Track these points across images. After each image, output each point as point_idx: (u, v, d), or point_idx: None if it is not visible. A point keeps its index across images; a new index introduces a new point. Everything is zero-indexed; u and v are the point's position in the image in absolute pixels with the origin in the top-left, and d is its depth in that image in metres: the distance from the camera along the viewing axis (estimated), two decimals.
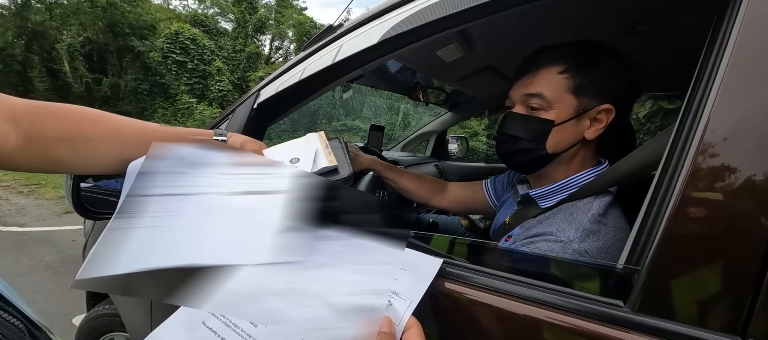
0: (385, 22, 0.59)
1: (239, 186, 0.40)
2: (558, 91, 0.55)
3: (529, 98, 0.57)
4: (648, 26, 0.79)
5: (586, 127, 0.56)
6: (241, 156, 0.44)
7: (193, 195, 0.38)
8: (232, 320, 0.34)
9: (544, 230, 0.52)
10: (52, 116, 0.37)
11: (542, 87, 0.55)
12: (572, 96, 0.54)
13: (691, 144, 0.31)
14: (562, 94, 0.55)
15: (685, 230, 0.30)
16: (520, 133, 0.58)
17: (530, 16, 0.76)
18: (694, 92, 0.34)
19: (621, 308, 0.31)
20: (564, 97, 0.55)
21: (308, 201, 0.41)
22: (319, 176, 0.47)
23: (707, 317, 0.28)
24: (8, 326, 0.27)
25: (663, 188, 0.33)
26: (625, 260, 0.35)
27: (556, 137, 0.56)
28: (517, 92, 0.60)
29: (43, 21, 10.13)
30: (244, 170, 0.42)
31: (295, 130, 10.39)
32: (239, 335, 0.33)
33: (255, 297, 0.33)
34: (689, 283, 0.29)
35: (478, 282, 0.40)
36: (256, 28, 14.99)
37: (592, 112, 0.55)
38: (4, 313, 0.28)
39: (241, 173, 0.42)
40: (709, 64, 0.33)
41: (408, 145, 2.02)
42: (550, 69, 0.56)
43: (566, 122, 0.55)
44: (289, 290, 0.35)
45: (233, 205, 0.39)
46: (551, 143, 0.56)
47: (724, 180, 0.28)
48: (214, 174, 0.41)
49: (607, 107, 0.54)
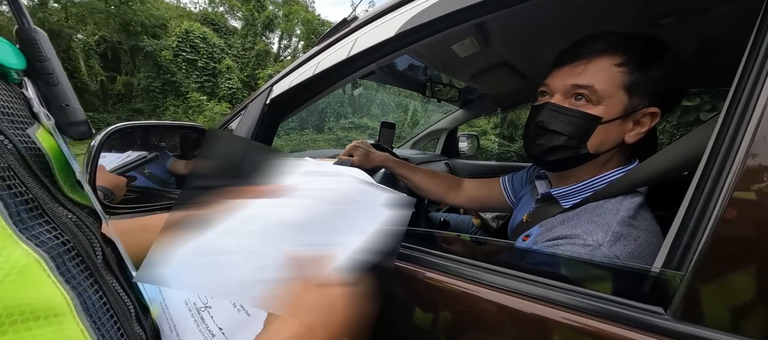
0: (402, 15, 0.58)
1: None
2: (611, 86, 0.49)
3: (577, 90, 0.51)
4: (675, 18, 0.75)
5: (629, 129, 0.51)
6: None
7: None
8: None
9: (568, 232, 0.49)
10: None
11: (595, 78, 0.49)
12: (624, 93, 0.49)
13: (741, 141, 0.28)
14: (614, 90, 0.49)
15: (737, 232, 0.27)
16: (560, 127, 0.52)
17: (550, 8, 0.73)
18: (740, 85, 0.31)
19: (661, 315, 0.29)
20: (616, 94, 0.49)
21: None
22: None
23: (760, 328, 0.26)
24: (121, 304, 0.28)
25: (707, 187, 0.30)
26: (663, 264, 0.33)
27: (599, 136, 0.51)
28: (559, 81, 0.53)
29: (59, 20, 10.38)
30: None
31: (304, 128, 10.46)
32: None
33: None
34: (741, 290, 0.27)
35: (497, 283, 0.38)
36: (264, 25, 15.10)
37: (638, 114, 0.50)
38: (123, 291, 0.29)
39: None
40: (759, 56, 0.30)
41: (418, 142, 2.00)
42: (607, 58, 0.50)
43: (613, 121, 0.50)
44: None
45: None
46: (594, 143, 0.51)
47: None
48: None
49: (653, 110, 0.50)
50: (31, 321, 0.19)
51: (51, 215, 0.25)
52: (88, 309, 0.24)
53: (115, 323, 0.26)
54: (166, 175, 1.05)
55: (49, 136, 0.28)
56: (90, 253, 0.27)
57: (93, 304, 0.25)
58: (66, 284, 0.22)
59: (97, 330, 0.24)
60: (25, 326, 0.19)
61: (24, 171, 0.24)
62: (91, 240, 0.28)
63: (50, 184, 0.26)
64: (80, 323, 0.22)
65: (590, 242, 0.45)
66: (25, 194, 0.23)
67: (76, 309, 0.22)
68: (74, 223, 0.27)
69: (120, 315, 0.27)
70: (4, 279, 0.19)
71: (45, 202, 0.24)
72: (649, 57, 0.49)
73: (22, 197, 0.23)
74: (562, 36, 0.58)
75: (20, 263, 0.20)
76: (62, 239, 0.24)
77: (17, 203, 0.22)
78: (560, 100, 0.53)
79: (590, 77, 0.50)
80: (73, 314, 0.22)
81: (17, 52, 0.29)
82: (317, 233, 0.38)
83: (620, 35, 0.51)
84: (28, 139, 0.26)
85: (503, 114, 1.97)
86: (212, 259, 0.33)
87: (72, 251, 0.25)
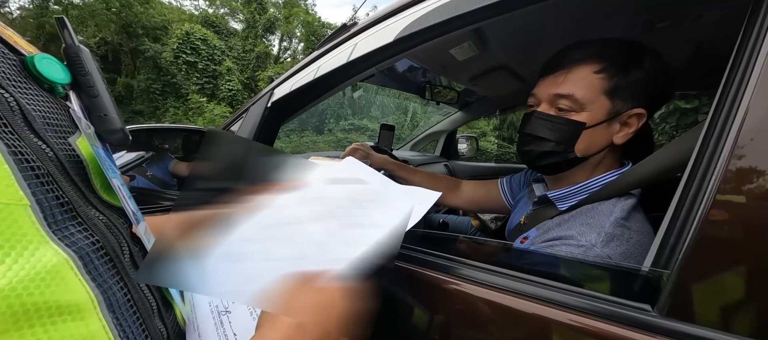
0: (400, 20, 0.59)
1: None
2: (592, 93, 0.51)
3: (559, 99, 0.53)
4: (669, 23, 0.76)
5: (616, 130, 0.53)
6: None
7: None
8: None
9: (563, 233, 0.50)
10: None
11: (575, 87, 0.52)
12: (606, 98, 0.51)
13: (724, 143, 0.30)
14: (596, 96, 0.51)
15: (719, 232, 0.28)
16: (547, 134, 0.54)
17: (545, 13, 0.75)
18: (726, 90, 0.32)
19: (649, 312, 0.30)
20: (598, 100, 0.51)
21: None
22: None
23: (742, 324, 0.27)
24: (144, 301, 0.30)
25: (693, 188, 0.31)
26: (652, 263, 0.34)
27: (586, 140, 0.53)
28: (544, 90, 0.56)
29: None
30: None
31: (304, 130, 10.48)
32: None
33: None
34: (723, 287, 0.28)
35: (494, 283, 0.39)
36: (265, 28, 15.14)
37: (623, 115, 0.52)
38: (147, 289, 0.31)
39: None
40: (743, 60, 0.31)
41: (417, 144, 2.01)
42: (585, 67, 0.52)
43: (598, 125, 0.52)
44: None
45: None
46: (581, 147, 0.53)
47: (760, 181, 0.27)
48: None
49: (639, 111, 0.51)
50: (56, 317, 0.21)
51: (83, 217, 0.26)
52: (112, 306, 0.25)
53: (137, 319, 0.28)
54: (167, 176, 1.06)
55: (87, 144, 0.30)
56: (118, 252, 0.28)
57: (117, 301, 0.26)
58: (92, 282, 0.24)
59: (119, 326, 0.25)
60: (51, 321, 0.21)
61: (61, 176, 0.26)
62: (120, 240, 0.29)
63: (85, 188, 0.28)
64: (103, 319, 0.24)
65: (584, 242, 0.46)
66: (61, 197, 0.25)
67: (99, 306, 0.24)
68: (104, 223, 0.28)
69: (143, 312, 0.29)
70: (36, 277, 0.20)
71: (78, 204, 0.26)
72: (629, 61, 0.51)
73: (58, 200, 0.25)
74: (558, 40, 0.59)
75: (51, 262, 0.21)
76: (92, 239, 0.26)
77: (53, 206, 0.24)
78: (546, 109, 0.55)
79: (570, 86, 0.52)
80: (96, 310, 0.23)
81: (64, 69, 0.32)
82: (327, 240, 0.37)
83: (598, 42, 0.53)
84: (69, 147, 0.28)
85: (502, 116, 1.98)
86: (211, 260, 0.34)
87: (101, 250, 0.27)
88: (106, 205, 0.30)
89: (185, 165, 1.08)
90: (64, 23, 0.31)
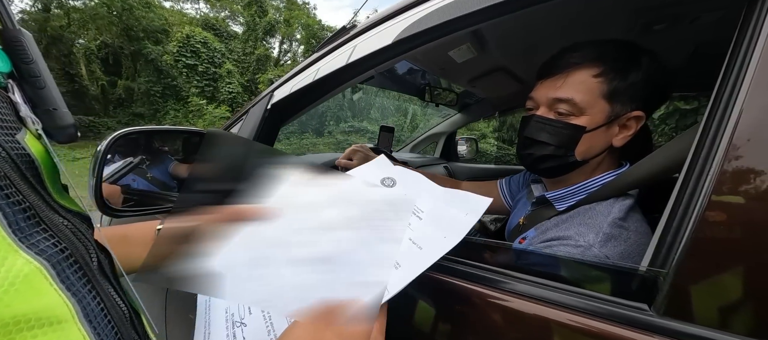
0: (399, 23, 0.59)
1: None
2: (591, 96, 0.50)
3: (558, 103, 0.52)
4: (667, 25, 0.77)
5: (615, 133, 0.53)
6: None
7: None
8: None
9: (561, 233, 0.50)
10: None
11: (574, 91, 0.51)
12: (605, 101, 0.50)
13: (719, 144, 0.30)
14: (595, 100, 0.50)
15: (715, 232, 0.29)
16: (546, 138, 0.54)
17: (544, 15, 0.75)
18: (721, 91, 0.33)
19: (646, 311, 0.30)
20: (597, 103, 0.50)
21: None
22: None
23: (737, 322, 0.27)
24: (117, 309, 0.28)
25: (689, 189, 0.32)
26: (649, 263, 0.34)
27: (586, 144, 0.52)
28: (543, 94, 0.55)
29: (61, 25, 10.46)
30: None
31: (304, 131, 10.49)
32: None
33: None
34: (719, 286, 0.28)
35: (493, 283, 0.39)
36: (265, 31, 15.19)
37: (622, 118, 0.51)
38: (117, 297, 0.29)
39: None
40: (738, 61, 0.32)
41: (417, 146, 2.01)
42: (583, 70, 0.51)
43: (597, 129, 0.51)
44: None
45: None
46: (581, 150, 0.53)
47: (755, 181, 0.28)
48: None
49: (638, 114, 0.51)
50: (36, 329, 0.20)
51: (48, 223, 0.24)
52: (88, 315, 0.24)
53: (112, 327, 0.27)
54: (168, 178, 1.06)
55: (36, 141, 0.27)
56: (87, 260, 0.27)
57: (92, 310, 0.25)
58: (67, 291, 0.22)
59: (97, 336, 0.24)
60: (30, 334, 0.19)
61: (18, 178, 0.23)
62: (87, 247, 0.28)
63: (42, 190, 0.26)
64: (82, 329, 0.22)
65: (582, 242, 0.46)
66: (22, 202, 0.23)
67: (77, 316, 0.22)
68: (70, 230, 0.26)
69: (117, 320, 0.27)
70: (10, 288, 0.19)
71: (41, 209, 0.24)
72: (627, 63, 0.50)
73: (20, 205, 0.22)
74: (557, 42, 0.59)
75: (23, 271, 0.20)
76: (61, 247, 0.24)
77: (15, 212, 0.22)
78: (545, 112, 0.55)
79: (569, 90, 0.51)
80: (75, 320, 0.22)
81: (2, 55, 0.28)
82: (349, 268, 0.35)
83: (595, 44, 0.52)
84: (18, 144, 0.25)
85: (502, 117, 1.98)
86: (236, 265, 0.33)
87: (70, 258, 0.25)
88: (66, 209, 0.28)
89: (185, 167, 1.08)
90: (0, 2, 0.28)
